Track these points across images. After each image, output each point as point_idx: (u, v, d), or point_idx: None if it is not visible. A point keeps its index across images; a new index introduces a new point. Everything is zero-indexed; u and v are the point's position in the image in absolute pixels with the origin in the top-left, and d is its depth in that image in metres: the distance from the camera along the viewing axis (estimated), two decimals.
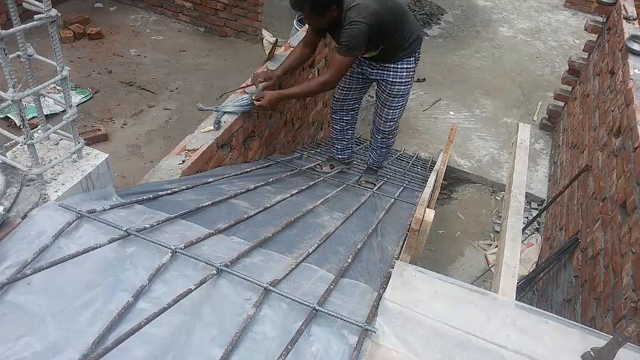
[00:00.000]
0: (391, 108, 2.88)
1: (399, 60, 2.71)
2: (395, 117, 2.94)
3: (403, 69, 2.73)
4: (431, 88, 5.95)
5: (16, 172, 1.32)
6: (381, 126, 3.00)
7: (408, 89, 2.83)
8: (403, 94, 2.84)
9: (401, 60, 2.71)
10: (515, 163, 2.42)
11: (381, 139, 3.08)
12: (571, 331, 1.17)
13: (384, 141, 3.10)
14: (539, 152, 5.14)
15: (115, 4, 6.31)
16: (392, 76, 2.74)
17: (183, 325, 1.09)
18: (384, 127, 3.00)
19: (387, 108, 2.88)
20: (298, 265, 1.40)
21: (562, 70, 5.78)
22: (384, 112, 2.92)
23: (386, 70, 2.75)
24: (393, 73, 2.74)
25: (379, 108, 2.94)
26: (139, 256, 1.22)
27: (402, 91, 2.81)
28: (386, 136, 3.06)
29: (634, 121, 2.77)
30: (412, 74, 2.78)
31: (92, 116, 4.59)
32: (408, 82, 2.79)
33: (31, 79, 1.28)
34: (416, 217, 1.79)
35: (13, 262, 1.13)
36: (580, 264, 2.96)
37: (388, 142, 3.13)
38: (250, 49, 5.89)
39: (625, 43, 3.60)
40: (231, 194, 1.89)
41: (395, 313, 1.16)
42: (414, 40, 2.69)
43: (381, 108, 2.91)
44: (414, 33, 2.68)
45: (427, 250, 3.94)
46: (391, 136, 3.09)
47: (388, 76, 2.75)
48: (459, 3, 8.09)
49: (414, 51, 2.72)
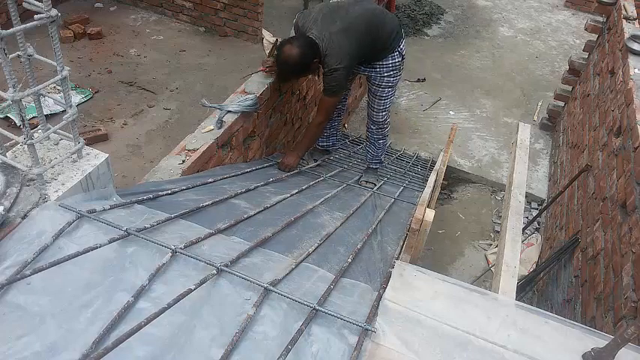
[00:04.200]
0: (381, 98, 3.10)
1: (384, 57, 2.90)
2: (386, 106, 3.16)
3: (389, 64, 2.92)
4: (431, 88, 5.94)
5: (16, 172, 1.32)
6: (374, 117, 3.21)
7: (395, 81, 3.05)
8: (392, 85, 3.04)
9: (385, 57, 2.90)
10: (515, 162, 2.41)
11: (375, 129, 3.28)
12: (571, 331, 1.17)
13: (379, 131, 3.29)
14: (540, 152, 5.14)
15: (115, 4, 6.31)
16: (379, 71, 2.96)
17: (183, 325, 1.09)
18: (377, 118, 3.20)
19: (378, 99, 3.10)
20: (298, 265, 1.40)
21: (562, 70, 5.78)
22: (375, 102, 3.13)
23: (373, 67, 2.95)
24: (379, 68, 2.94)
25: (371, 100, 3.15)
26: (139, 256, 1.22)
27: (390, 83, 3.02)
28: (380, 127, 3.26)
29: (634, 121, 2.77)
30: (398, 66, 2.97)
31: (92, 116, 4.59)
32: (396, 75, 3.00)
33: (31, 79, 1.28)
34: (416, 217, 1.79)
35: (13, 262, 1.13)
36: (580, 264, 2.96)
37: (383, 133, 3.31)
38: (250, 49, 5.89)
39: (625, 42, 3.60)
40: (231, 194, 1.89)
41: (395, 313, 1.16)
42: (394, 39, 2.87)
43: (372, 99, 3.13)
44: (392, 33, 2.86)
45: (427, 250, 3.94)
46: (385, 126, 3.28)
47: (376, 72, 2.96)
48: (459, 3, 8.09)
49: (396, 47, 2.90)
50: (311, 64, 2.62)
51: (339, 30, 2.61)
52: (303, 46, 2.56)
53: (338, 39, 2.60)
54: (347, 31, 2.63)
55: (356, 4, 2.78)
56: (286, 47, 2.57)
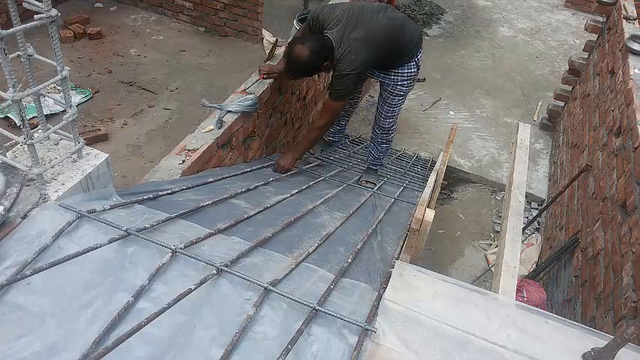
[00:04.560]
0: (391, 105, 3.10)
1: (400, 66, 2.91)
2: (394, 114, 3.16)
3: (404, 73, 2.94)
4: (431, 88, 5.94)
5: (16, 172, 1.32)
6: (381, 122, 3.21)
7: (407, 90, 3.06)
8: (404, 93, 3.06)
9: (401, 65, 2.91)
10: (515, 162, 2.41)
11: (380, 134, 3.28)
12: (571, 331, 1.17)
13: (383, 136, 3.29)
14: (539, 152, 5.14)
15: (115, 4, 6.31)
16: (393, 79, 2.96)
17: (183, 325, 1.09)
18: (384, 124, 3.20)
19: (387, 105, 3.10)
20: (298, 265, 1.40)
21: (562, 70, 5.77)
22: (384, 108, 3.13)
23: (387, 74, 2.96)
24: (394, 76, 2.95)
25: (380, 105, 3.15)
26: (139, 256, 1.22)
27: (402, 91, 3.03)
28: (385, 132, 3.27)
29: (634, 121, 2.77)
30: (413, 76, 2.98)
31: (92, 116, 4.59)
32: (410, 84, 3.02)
33: (31, 79, 1.28)
34: (416, 217, 1.79)
35: (13, 262, 1.13)
36: (580, 264, 2.96)
37: (387, 138, 3.32)
38: (250, 49, 5.89)
39: (625, 42, 3.60)
40: (231, 194, 1.89)
41: (395, 313, 1.16)
42: (413, 48, 2.88)
43: (382, 105, 3.13)
44: (411, 44, 2.87)
45: (427, 250, 3.94)
46: (390, 132, 3.28)
47: (390, 79, 2.97)
48: (459, 3, 8.09)
49: (413, 57, 2.91)
50: (321, 66, 2.62)
51: (360, 38, 2.58)
52: (315, 48, 2.53)
53: (356, 46, 2.56)
54: (367, 40, 2.60)
55: (380, 12, 2.74)
56: (298, 47, 2.54)
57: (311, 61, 2.54)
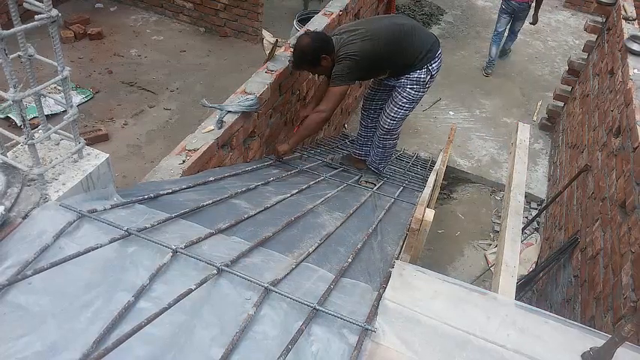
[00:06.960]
0: (396, 106, 3.09)
1: (411, 71, 2.98)
2: (397, 116, 3.13)
3: (413, 77, 2.99)
4: (431, 88, 5.92)
5: (16, 172, 1.32)
6: (382, 121, 3.20)
7: (417, 96, 3.09)
8: (412, 97, 3.06)
9: (413, 71, 2.98)
10: (514, 163, 2.42)
11: (379, 135, 3.26)
12: (571, 330, 1.17)
13: (381, 139, 3.27)
14: (539, 152, 5.14)
15: (115, 4, 6.31)
16: (403, 83, 3.03)
17: (183, 325, 1.09)
18: (384, 124, 3.19)
19: (393, 104, 3.10)
20: (298, 264, 1.40)
21: (561, 70, 5.78)
22: (389, 107, 3.13)
23: (398, 80, 3.04)
24: (404, 80, 3.02)
25: (387, 105, 3.16)
26: (139, 256, 1.22)
27: (411, 94, 3.04)
28: (384, 134, 3.23)
29: (633, 121, 2.78)
30: (423, 82, 3.02)
31: (93, 116, 4.59)
32: (419, 90, 3.04)
33: (32, 80, 1.28)
34: (416, 216, 1.79)
35: (13, 262, 1.13)
36: (579, 264, 2.96)
37: (386, 143, 3.29)
38: (250, 49, 5.89)
39: (624, 43, 3.60)
40: (232, 194, 1.89)
41: (395, 312, 1.16)
42: (424, 57, 2.94)
43: (389, 104, 3.14)
44: (421, 52, 2.94)
45: (427, 250, 3.94)
46: (389, 136, 3.25)
47: (400, 83, 3.04)
48: (459, 3, 8.09)
49: (424, 65, 2.96)
50: (321, 57, 2.75)
51: (358, 34, 2.80)
52: (315, 38, 2.78)
53: (353, 38, 2.78)
54: (365, 36, 2.79)
55: (385, 18, 2.94)
56: (302, 36, 2.82)
57: (310, 48, 2.72)
